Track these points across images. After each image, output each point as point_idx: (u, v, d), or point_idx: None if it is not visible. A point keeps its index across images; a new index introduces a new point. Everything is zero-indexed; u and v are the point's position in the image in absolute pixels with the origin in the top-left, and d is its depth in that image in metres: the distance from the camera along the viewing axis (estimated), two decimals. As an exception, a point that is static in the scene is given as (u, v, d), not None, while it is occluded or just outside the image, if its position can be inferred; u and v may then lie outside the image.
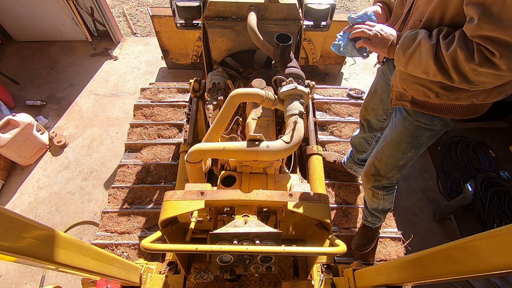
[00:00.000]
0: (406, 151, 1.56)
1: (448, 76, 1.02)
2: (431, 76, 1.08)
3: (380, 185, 1.82)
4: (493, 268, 0.77)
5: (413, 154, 1.59)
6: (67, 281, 2.64)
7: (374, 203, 1.99)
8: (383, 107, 1.88)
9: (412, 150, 1.55)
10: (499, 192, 3.08)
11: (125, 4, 5.34)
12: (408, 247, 2.39)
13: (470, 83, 0.99)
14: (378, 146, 1.77)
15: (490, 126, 3.73)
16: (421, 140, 1.50)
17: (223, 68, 2.25)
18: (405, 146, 1.54)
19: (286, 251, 1.18)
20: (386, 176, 1.75)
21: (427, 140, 1.50)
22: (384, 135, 1.71)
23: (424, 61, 1.05)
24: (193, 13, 2.17)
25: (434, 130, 1.45)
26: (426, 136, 1.47)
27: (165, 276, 1.79)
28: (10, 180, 3.25)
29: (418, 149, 1.56)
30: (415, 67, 1.11)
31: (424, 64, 1.06)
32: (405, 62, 1.14)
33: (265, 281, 1.82)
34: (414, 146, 1.53)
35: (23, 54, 4.39)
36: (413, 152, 1.57)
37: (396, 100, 1.44)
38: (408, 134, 1.50)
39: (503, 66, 0.87)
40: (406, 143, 1.53)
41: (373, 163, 1.78)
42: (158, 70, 4.28)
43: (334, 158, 2.68)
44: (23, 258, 0.80)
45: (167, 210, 1.36)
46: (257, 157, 1.45)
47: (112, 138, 3.58)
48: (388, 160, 1.68)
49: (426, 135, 1.47)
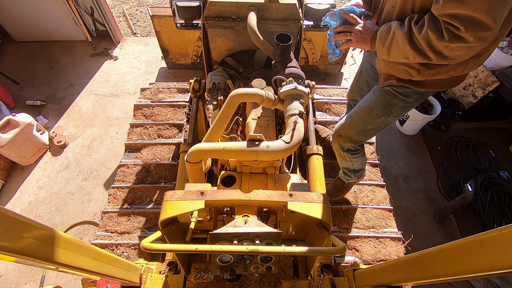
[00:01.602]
0: (376, 117, 1.64)
1: (426, 57, 1.12)
2: (411, 60, 1.19)
3: (345, 147, 1.91)
4: (493, 268, 0.77)
5: (382, 122, 1.67)
6: (67, 281, 2.64)
7: (343, 163, 2.10)
8: (368, 88, 1.94)
9: (382, 117, 1.63)
10: (499, 192, 3.08)
11: (125, 4, 5.34)
12: (408, 247, 2.38)
13: (447, 59, 1.09)
14: (351, 111, 1.85)
15: (490, 126, 3.73)
16: (394, 108, 1.58)
17: (223, 68, 2.25)
18: (377, 112, 1.62)
19: (286, 251, 1.18)
20: (351, 138, 1.83)
21: (398, 110, 1.57)
22: (360, 102, 1.79)
23: (402, 48, 1.16)
24: (193, 13, 2.17)
25: (407, 102, 1.54)
26: (399, 106, 1.55)
27: (165, 276, 1.79)
28: (10, 180, 3.25)
29: (388, 117, 1.63)
30: (396, 55, 1.22)
31: (402, 50, 1.17)
32: (386, 52, 1.26)
33: (265, 281, 1.82)
34: (385, 113, 1.61)
35: (23, 54, 4.39)
36: (382, 119, 1.64)
37: (384, 81, 1.53)
38: (383, 101, 1.58)
39: (470, 38, 0.96)
40: (378, 109, 1.61)
41: (342, 124, 1.87)
42: (158, 70, 4.28)
43: (326, 135, 2.79)
44: (23, 258, 0.80)
45: (167, 210, 1.36)
46: (257, 157, 1.45)
47: (112, 138, 3.58)
48: (358, 123, 1.76)
49: (399, 105, 1.55)
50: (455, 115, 3.56)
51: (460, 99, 3.60)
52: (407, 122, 3.48)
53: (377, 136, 3.64)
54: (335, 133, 1.93)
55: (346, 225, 2.44)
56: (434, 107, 3.37)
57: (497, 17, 0.90)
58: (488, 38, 0.96)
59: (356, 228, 2.43)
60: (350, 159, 2.00)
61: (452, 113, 3.52)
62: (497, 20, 0.91)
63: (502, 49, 3.18)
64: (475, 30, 0.93)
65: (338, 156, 2.08)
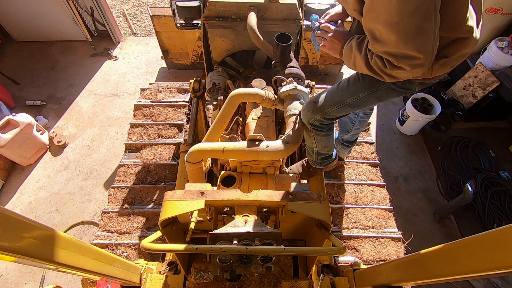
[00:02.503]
0: (360, 90, 1.54)
1: (381, 77, 1.19)
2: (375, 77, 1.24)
3: (312, 117, 1.70)
4: (493, 268, 0.78)
5: (363, 98, 1.56)
6: (67, 281, 2.64)
7: (308, 141, 1.94)
8: None
9: (365, 92, 1.53)
10: (499, 192, 3.08)
11: (125, 4, 5.34)
12: (408, 247, 2.39)
13: (398, 79, 1.17)
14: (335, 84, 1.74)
15: (490, 126, 3.73)
16: (379, 87, 1.50)
17: (223, 68, 2.25)
18: (362, 84, 1.54)
19: (286, 251, 1.18)
20: (324, 109, 1.64)
21: (383, 90, 1.50)
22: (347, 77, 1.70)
23: (363, 68, 1.25)
24: (193, 13, 2.17)
25: (394, 85, 1.47)
26: (384, 86, 1.48)
27: (165, 276, 1.79)
28: (10, 180, 3.25)
29: (371, 94, 1.53)
30: (361, 71, 1.29)
31: (364, 70, 1.25)
32: (352, 67, 1.34)
33: (265, 281, 1.82)
34: (370, 89, 1.52)
35: (23, 54, 4.39)
36: (365, 95, 1.54)
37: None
38: (372, 78, 1.47)
39: (405, 67, 1.05)
40: (364, 82, 1.53)
41: (321, 93, 1.70)
42: (158, 70, 4.28)
43: None
44: (23, 258, 0.80)
45: (167, 210, 1.36)
46: (257, 157, 1.45)
47: (112, 138, 3.58)
48: (338, 92, 1.63)
49: (385, 85, 1.49)
50: (455, 115, 3.56)
51: (460, 99, 3.60)
52: (407, 122, 3.48)
53: (377, 136, 3.65)
54: (311, 99, 1.72)
55: (346, 225, 2.45)
56: (434, 107, 3.37)
57: (420, 46, 0.97)
58: (425, 63, 1.02)
59: (356, 228, 2.43)
60: (313, 136, 1.83)
61: (452, 113, 3.52)
62: (421, 49, 0.97)
63: (502, 49, 3.18)
64: (405, 61, 1.02)
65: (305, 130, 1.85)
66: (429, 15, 0.92)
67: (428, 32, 0.95)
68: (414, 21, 0.91)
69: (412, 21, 0.91)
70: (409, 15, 0.90)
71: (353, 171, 2.73)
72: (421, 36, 0.94)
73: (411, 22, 0.91)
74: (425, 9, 0.90)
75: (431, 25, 0.94)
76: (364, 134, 2.97)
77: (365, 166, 2.77)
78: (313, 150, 2.00)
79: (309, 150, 2.06)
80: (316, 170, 2.27)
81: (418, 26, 0.92)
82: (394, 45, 0.99)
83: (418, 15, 0.90)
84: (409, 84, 1.48)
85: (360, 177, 2.71)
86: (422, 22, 0.91)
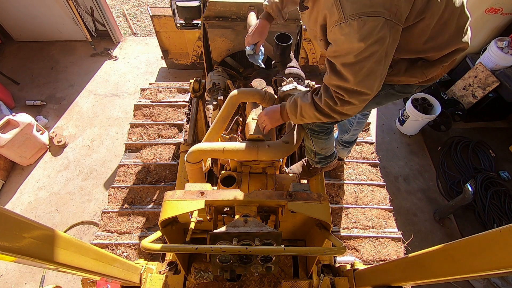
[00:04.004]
0: None
1: (332, 117, 1.29)
2: (324, 120, 1.33)
3: (309, 124, 1.78)
4: (493, 268, 0.78)
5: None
6: (67, 281, 2.64)
7: (306, 141, 2.00)
8: None
9: None
10: (499, 192, 3.08)
11: (125, 4, 5.34)
12: (408, 247, 2.39)
13: (348, 116, 1.28)
14: None
15: (490, 126, 3.73)
16: (379, 93, 1.50)
17: (223, 68, 2.25)
18: None
19: (286, 251, 1.18)
20: None
21: (382, 96, 1.56)
22: None
23: (312, 115, 1.33)
24: (193, 13, 2.17)
25: (393, 90, 1.53)
26: (384, 91, 1.54)
27: (165, 276, 1.79)
28: (10, 180, 3.25)
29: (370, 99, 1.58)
30: (311, 120, 1.37)
31: (313, 116, 1.33)
32: (301, 121, 1.42)
33: (265, 281, 1.82)
34: None
35: (23, 54, 4.39)
36: None
37: None
38: None
39: (355, 102, 1.16)
40: None
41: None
42: (158, 70, 4.28)
43: None
44: (23, 258, 0.80)
45: (167, 210, 1.36)
46: (257, 157, 1.45)
47: (112, 138, 3.58)
48: None
49: (384, 90, 1.54)
50: (455, 115, 3.56)
51: (460, 99, 3.60)
52: (407, 122, 3.48)
53: (377, 136, 3.65)
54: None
55: (346, 225, 2.45)
56: (434, 107, 3.37)
57: (370, 85, 1.11)
58: (370, 98, 1.16)
59: (356, 228, 2.43)
60: (310, 137, 1.88)
61: (452, 113, 3.52)
62: (369, 87, 1.11)
63: (502, 49, 3.18)
64: (356, 97, 1.15)
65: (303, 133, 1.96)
66: (380, 60, 1.06)
67: (376, 74, 1.09)
68: (367, 65, 1.05)
69: (366, 65, 1.05)
70: (364, 60, 1.04)
71: (353, 171, 2.73)
72: (371, 77, 1.09)
73: (365, 66, 1.05)
74: (378, 56, 1.03)
75: (380, 69, 1.08)
76: (364, 134, 2.97)
77: (365, 166, 2.77)
78: (311, 150, 2.02)
79: (307, 149, 2.08)
80: (316, 170, 2.27)
81: (370, 69, 1.06)
82: (349, 82, 1.12)
83: (371, 60, 1.04)
84: (409, 88, 1.51)
85: (360, 177, 2.71)
86: (374, 66, 1.06)
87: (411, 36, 1.16)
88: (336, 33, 1.06)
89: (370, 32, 0.98)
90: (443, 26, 1.17)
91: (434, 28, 1.16)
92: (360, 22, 0.97)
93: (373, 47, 1.01)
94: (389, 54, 1.08)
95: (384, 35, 0.99)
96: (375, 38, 0.99)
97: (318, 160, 2.08)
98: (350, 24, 0.99)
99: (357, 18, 0.97)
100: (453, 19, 1.17)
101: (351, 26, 0.99)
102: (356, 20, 0.97)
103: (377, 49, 1.01)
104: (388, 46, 1.03)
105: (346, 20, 0.99)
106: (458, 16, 1.18)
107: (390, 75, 1.39)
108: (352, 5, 0.98)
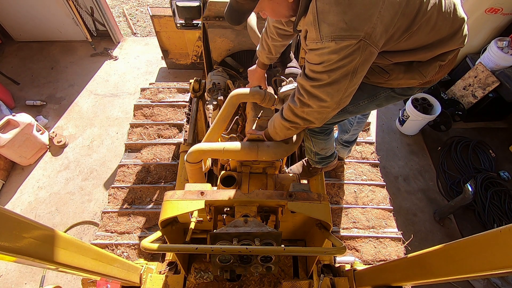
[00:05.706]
0: (360, 98, 1.64)
1: (296, 123, 1.32)
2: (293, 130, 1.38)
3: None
4: (493, 268, 0.78)
5: (363, 106, 1.66)
6: (67, 281, 2.64)
7: (306, 141, 2.05)
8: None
9: (365, 100, 1.63)
10: (499, 192, 3.08)
11: (125, 4, 5.34)
12: (408, 247, 2.39)
13: (311, 123, 1.30)
14: None
15: (490, 126, 3.73)
16: (380, 95, 1.59)
17: (223, 68, 2.25)
18: (362, 93, 1.61)
19: (286, 251, 1.18)
20: None
21: (383, 98, 1.58)
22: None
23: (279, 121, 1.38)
24: (193, 13, 2.17)
25: (394, 92, 1.55)
26: (385, 94, 1.57)
27: (165, 276, 1.79)
28: (10, 180, 3.25)
29: (371, 102, 1.63)
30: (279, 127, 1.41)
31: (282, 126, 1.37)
32: (283, 137, 1.48)
33: (265, 281, 1.82)
34: (370, 97, 1.62)
35: (23, 54, 4.39)
36: (365, 103, 1.64)
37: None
38: (371, 86, 1.59)
39: (313, 105, 1.21)
40: (364, 91, 1.61)
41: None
42: (158, 70, 4.28)
43: None
44: (23, 258, 0.80)
45: (167, 210, 1.36)
46: (257, 157, 1.45)
47: (112, 138, 3.58)
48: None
49: (385, 93, 1.57)
50: (455, 115, 3.56)
51: (460, 99, 3.60)
52: (407, 122, 3.48)
53: (377, 136, 3.65)
54: None
55: (346, 225, 2.45)
56: (434, 107, 3.37)
57: (330, 93, 1.15)
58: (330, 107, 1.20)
59: (356, 228, 2.43)
60: (310, 138, 1.93)
61: (452, 113, 3.52)
62: (330, 95, 1.16)
63: (502, 49, 3.18)
64: (314, 101, 1.19)
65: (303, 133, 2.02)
66: (347, 75, 1.11)
67: (340, 86, 1.14)
68: (333, 76, 1.11)
69: (332, 75, 1.11)
70: (331, 71, 1.10)
71: (353, 171, 2.73)
72: (334, 86, 1.14)
73: (331, 76, 1.12)
74: (345, 70, 1.09)
75: (345, 83, 1.13)
76: (364, 134, 2.97)
77: (365, 166, 2.76)
78: (311, 150, 2.03)
79: (307, 150, 2.09)
80: (316, 170, 2.27)
81: (334, 79, 1.12)
82: (312, 85, 1.18)
83: (338, 72, 1.10)
84: (409, 90, 1.52)
85: (360, 177, 2.71)
86: (339, 78, 1.11)
87: (399, 47, 1.21)
88: (312, 47, 1.14)
89: (342, 49, 1.05)
90: (435, 34, 1.20)
91: (424, 38, 1.20)
92: (335, 43, 1.05)
93: (342, 62, 1.07)
94: (359, 72, 1.12)
95: (355, 53, 1.05)
96: (345, 53, 1.05)
97: (318, 160, 2.08)
98: (325, 43, 1.06)
99: (331, 40, 1.05)
100: (446, 24, 1.19)
101: (326, 45, 1.07)
102: (330, 41, 1.05)
103: (345, 64, 1.07)
104: (358, 64, 1.09)
105: (322, 41, 1.07)
106: (452, 21, 1.19)
107: (389, 80, 1.42)
108: (329, 27, 1.04)
